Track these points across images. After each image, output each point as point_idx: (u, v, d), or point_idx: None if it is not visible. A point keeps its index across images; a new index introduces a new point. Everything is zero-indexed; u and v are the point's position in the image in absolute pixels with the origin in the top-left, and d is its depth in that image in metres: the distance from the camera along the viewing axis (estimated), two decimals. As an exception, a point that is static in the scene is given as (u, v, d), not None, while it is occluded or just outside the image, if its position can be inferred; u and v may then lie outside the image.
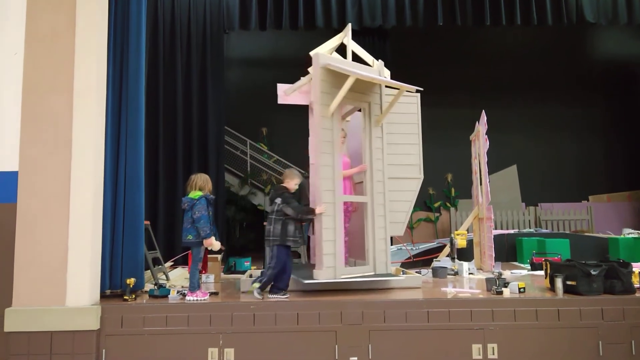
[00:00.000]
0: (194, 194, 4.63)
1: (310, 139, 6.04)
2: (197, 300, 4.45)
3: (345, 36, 5.71)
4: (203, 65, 9.57)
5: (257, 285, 4.47)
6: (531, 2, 9.56)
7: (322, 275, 4.63)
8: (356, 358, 4.18)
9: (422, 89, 5.01)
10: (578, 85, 13.03)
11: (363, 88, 5.05)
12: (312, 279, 4.65)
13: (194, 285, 4.55)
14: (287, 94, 5.90)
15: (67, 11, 4.47)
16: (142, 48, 4.95)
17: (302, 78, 6.00)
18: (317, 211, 4.66)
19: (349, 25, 5.75)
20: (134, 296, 4.52)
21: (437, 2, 9.56)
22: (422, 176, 5.75)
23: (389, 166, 5.37)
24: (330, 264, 4.68)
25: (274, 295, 4.52)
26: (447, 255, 6.77)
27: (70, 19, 4.47)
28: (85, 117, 4.39)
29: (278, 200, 4.65)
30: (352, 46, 5.76)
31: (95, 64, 4.46)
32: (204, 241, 4.59)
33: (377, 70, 5.54)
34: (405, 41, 12.23)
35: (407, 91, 5.21)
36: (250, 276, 5.57)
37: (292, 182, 4.78)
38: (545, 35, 12.58)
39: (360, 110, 5.49)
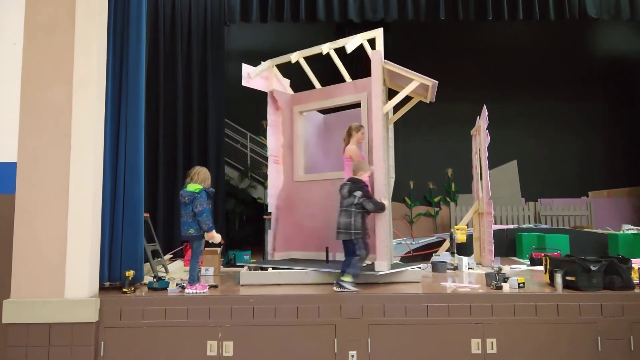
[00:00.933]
0: (194, 187, 4.60)
1: (272, 130, 6.14)
2: (196, 293, 4.45)
3: (376, 36, 5.74)
4: (203, 57, 9.53)
5: (348, 278, 4.48)
6: (533, -4, 9.52)
7: (386, 266, 4.83)
8: (355, 352, 4.18)
9: (434, 101, 5.37)
10: (579, 81, 12.99)
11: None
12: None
13: (194, 278, 4.54)
14: (250, 76, 5.95)
15: (67, 1, 4.43)
16: (142, 39, 4.91)
17: (262, 62, 5.99)
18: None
19: (381, 30, 5.76)
20: (133, 289, 4.52)
21: (439, -4, 9.51)
22: (394, 175, 5.95)
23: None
24: (389, 255, 5.00)
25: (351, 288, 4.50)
26: (447, 250, 6.76)
27: (69, 9, 4.43)
28: (85, 109, 4.36)
29: (358, 194, 4.66)
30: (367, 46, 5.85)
31: (95, 55, 4.43)
32: (206, 234, 4.58)
33: None
34: (407, 35, 12.18)
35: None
36: (249, 269, 5.55)
37: (365, 175, 4.84)
38: (547, 31, 12.53)
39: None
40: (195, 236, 4.60)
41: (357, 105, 5.84)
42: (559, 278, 4.49)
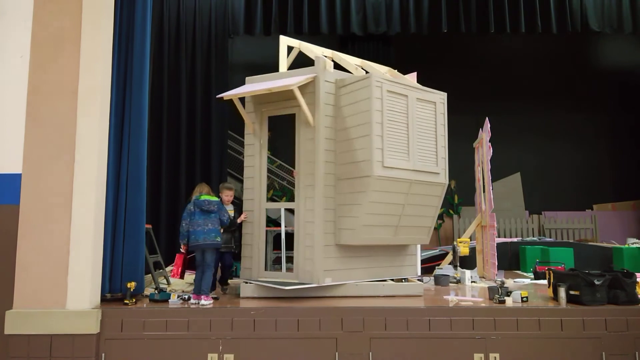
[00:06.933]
0: (213, 197, 4.94)
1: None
2: (202, 303, 4.46)
3: None
4: (207, 69, 9.59)
5: None
6: (536, 10, 9.58)
7: None
8: (357, 366, 4.15)
9: None
10: (583, 93, 12.98)
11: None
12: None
13: (207, 289, 4.65)
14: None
15: (73, 15, 4.50)
16: (146, 52, 4.97)
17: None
18: None
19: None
20: (134, 300, 4.52)
21: (442, 9, 9.58)
22: None
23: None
24: None
25: None
26: (450, 263, 6.74)
27: (76, 22, 4.49)
28: (89, 120, 4.41)
29: None
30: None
31: (100, 67, 4.48)
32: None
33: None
34: (409, 47, 12.23)
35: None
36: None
37: None
38: (549, 43, 12.56)
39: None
40: (219, 244, 4.85)
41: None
42: (562, 292, 4.46)
